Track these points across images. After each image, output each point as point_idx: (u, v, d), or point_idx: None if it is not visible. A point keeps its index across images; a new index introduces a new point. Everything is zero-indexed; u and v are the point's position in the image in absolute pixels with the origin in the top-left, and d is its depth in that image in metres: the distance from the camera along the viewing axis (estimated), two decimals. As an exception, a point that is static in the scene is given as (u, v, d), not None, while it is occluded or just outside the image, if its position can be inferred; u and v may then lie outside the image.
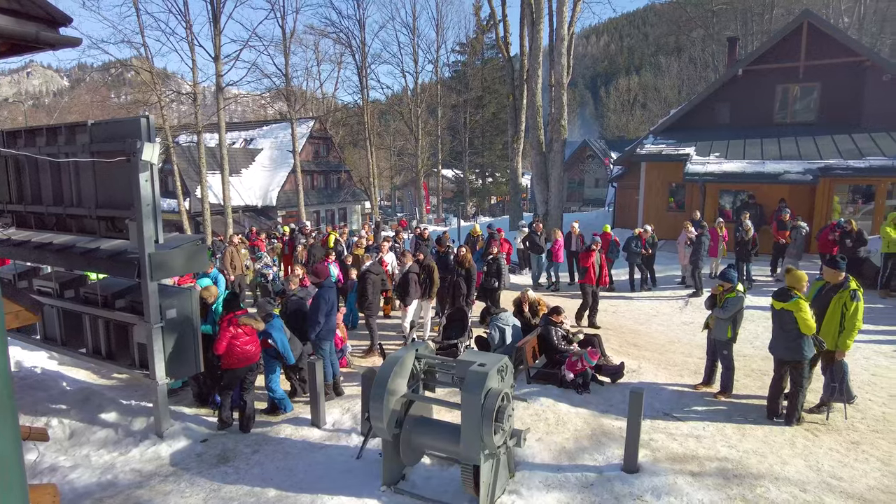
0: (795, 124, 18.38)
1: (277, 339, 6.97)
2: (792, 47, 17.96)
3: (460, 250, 10.37)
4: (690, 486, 5.15)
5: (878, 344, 9.16)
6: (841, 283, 6.36)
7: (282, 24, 32.35)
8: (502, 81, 39.50)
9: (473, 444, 4.56)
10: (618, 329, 10.60)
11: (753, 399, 7.06)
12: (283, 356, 7.06)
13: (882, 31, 34.90)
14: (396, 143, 53.07)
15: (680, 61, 49.28)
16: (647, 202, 18.93)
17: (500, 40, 25.07)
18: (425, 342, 6.52)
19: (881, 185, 15.21)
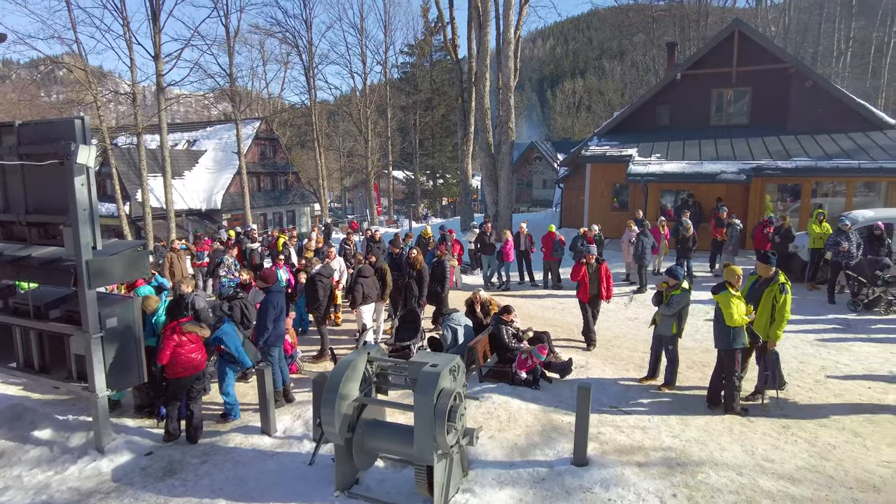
0: (730, 126, 19.28)
1: (230, 344, 6.81)
2: (725, 54, 18.84)
3: (412, 252, 10.39)
4: (637, 477, 5.34)
5: (805, 333, 9.74)
6: (771, 277, 6.74)
7: (225, 23, 31.53)
8: (451, 83, 39.73)
9: (426, 445, 4.59)
10: (566, 326, 10.86)
11: (695, 390, 7.38)
12: (238, 361, 6.92)
13: (804, 40, 37.08)
14: (346, 144, 52.51)
15: (622, 65, 50.81)
16: (592, 202, 19.46)
17: (449, 42, 25.19)
18: (377, 345, 6.51)
19: (806, 185, 16.18)
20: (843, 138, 16.88)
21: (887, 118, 17.97)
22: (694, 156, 17.31)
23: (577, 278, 9.34)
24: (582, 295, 9.39)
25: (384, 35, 48.51)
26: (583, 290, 9.35)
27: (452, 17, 25.40)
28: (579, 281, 9.33)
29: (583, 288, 9.33)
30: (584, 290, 9.33)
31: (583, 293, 9.36)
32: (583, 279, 9.25)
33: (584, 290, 9.32)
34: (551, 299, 13.16)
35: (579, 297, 9.49)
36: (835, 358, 8.61)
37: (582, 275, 9.24)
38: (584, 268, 9.24)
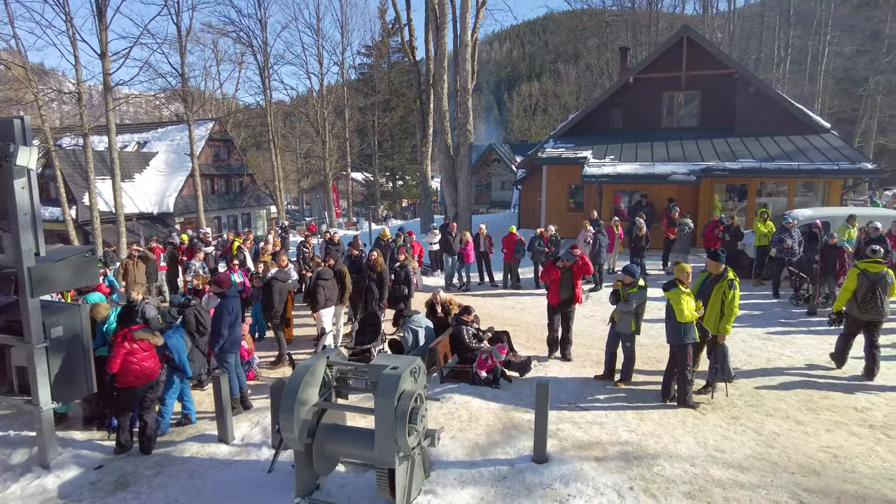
0: (680, 129, 19.94)
1: (173, 348, 6.65)
2: (675, 59, 19.47)
3: (371, 254, 10.34)
4: (595, 471, 5.47)
5: (752, 328, 10.18)
6: (721, 274, 7.02)
7: (177, 22, 30.65)
8: (409, 85, 39.68)
9: (388, 448, 4.58)
10: (525, 325, 11.01)
11: (650, 385, 7.60)
12: (180, 368, 6.75)
13: (748, 47, 38.71)
14: (303, 145, 51.78)
15: (577, 68, 51.82)
16: (549, 203, 19.79)
17: (406, 44, 25.19)
18: (337, 349, 6.46)
19: (752, 185, 16.90)
20: (785, 141, 17.71)
21: (823, 122, 18.96)
22: (646, 157, 17.82)
23: (549, 279, 8.52)
24: (552, 297, 8.58)
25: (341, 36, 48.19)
26: (553, 292, 8.55)
27: (410, 19, 25.44)
28: (550, 282, 8.54)
29: (553, 290, 8.54)
30: (553, 292, 8.54)
31: (553, 296, 8.55)
32: (554, 281, 8.46)
33: (555, 292, 8.52)
34: (511, 298, 13.31)
35: (548, 301, 8.69)
36: (779, 350, 9.02)
37: (554, 276, 8.44)
38: (558, 272, 8.41)
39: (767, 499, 4.99)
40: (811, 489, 5.13)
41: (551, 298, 8.58)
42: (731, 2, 41.19)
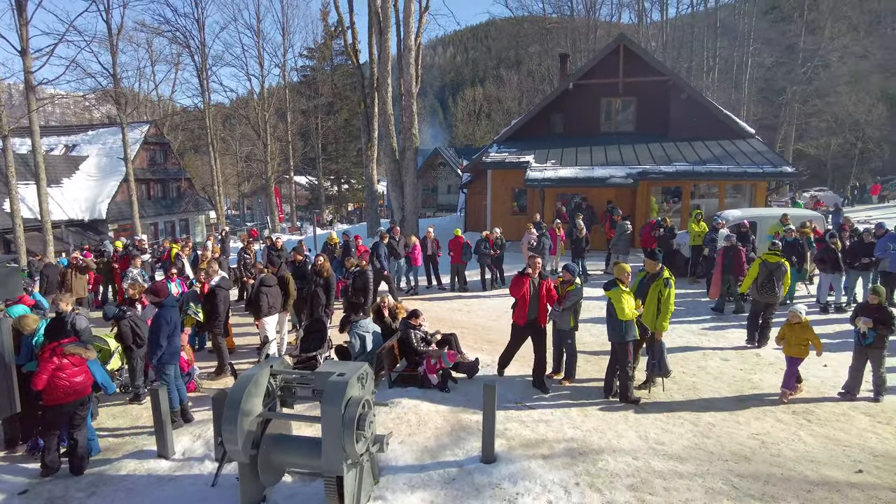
0: (618, 133, 20.65)
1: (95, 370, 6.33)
2: (612, 66, 20.15)
3: (318, 259, 10.17)
4: (542, 469, 5.58)
5: (688, 324, 10.65)
6: (657, 273, 7.32)
7: (106, 19, 29.13)
8: (353, 88, 39.35)
9: (335, 455, 4.52)
10: (472, 327, 11.11)
11: (593, 382, 7.83)
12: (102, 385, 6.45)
13: (680, 55, 40.58)
14: (243, 148, 50.34)
15: (519, 74, 52.82)
16: (494, 206, 20.07)
17: (350, 47, 24.97)
18: (281, 357, 6.33)
19: (686, 187, 17.71)
20: (715, 145, 18.65)
21: (748, 128, 20.11)
22: (586, 161, 18.35)
23: (518, 294, 7.42)
24: (518, 316, 7.51)
25: (282, 38, 47.09)
26: (520, 309, 7.46)
27: (353, 21, 25.25)
28: (518, 299, 7.45)
29: (520, 307, 7.45)
30: (521, 310, 7.45)
31: (520, 314, 7.48)
32: (523, 297, 7.39)
33: (523, 310, 7.44)
34: (458, 301, 13.41)
35: (514, 320, 7.63)
36: (713, 344, 9.49)
37: (524, 291, 7.37)
38: (528, 282, 7.40)
39: (704, 486, 5.24)
40: (742, 474, 5.42)
41: (517, 317, 7.54)
42: (663, 12, 43.16)
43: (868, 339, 7.01)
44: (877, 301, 7.11)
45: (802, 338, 7.08)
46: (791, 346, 7.17)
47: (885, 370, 7.18)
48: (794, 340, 7.14)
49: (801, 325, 7.11)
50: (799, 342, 7.10)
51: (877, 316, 6.96)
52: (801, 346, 7.09)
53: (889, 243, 10.35)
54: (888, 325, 6.91)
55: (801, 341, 7.08)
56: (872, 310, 7.06)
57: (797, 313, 7.12)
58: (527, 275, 7.46)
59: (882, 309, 7.04)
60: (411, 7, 18.96)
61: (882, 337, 6.96)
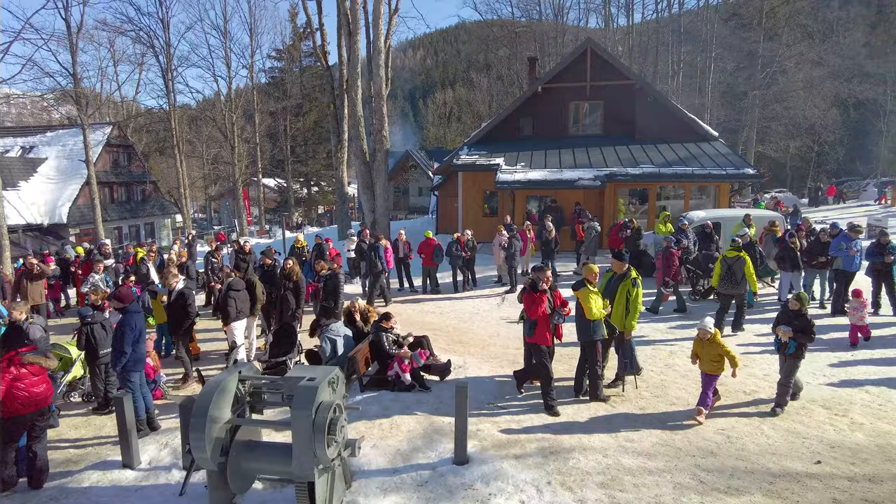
0: (586, 136, 20.95)
1: None
2: (580, 69, 20.46)
3: (286, 263, 10.05)
4: (514, 469, 5.62)
5: (655, 323, 10.86)
6: (625, 273, 7.45)
7: (65, 16, 28.16)
8: (322, 90, 38.99)
9: (306, 461, 4.47)
10: (444, 329, 11.13)
11: (563, 381, 7.90)
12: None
13: (646, 60, 41.40)
14: (210, 150, 49.42)
15: (489, 77, 53.13)
16: (466, 208, 20.15)
17: (319, 49, 24.76)
18: (250, 363, 6.23)
19: (652, 189, 18.08)
20: (680, 148, 19.09)
21: (712, 131, 20.64)
22: (555, 164, 18.58)
23: (538, 315, 6.84)
24: (541, 338, 6.95)
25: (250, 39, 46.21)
26: (543, 329, 6.91)
27: (321, 23, 25.06)
28: (539, 319, 6.86)
29: (542, 327, 6.91)
30: (544, 329, 6.92)
31: (542, 334, 6.93)
32: (544, 316, 6.88)
33: (545, 329, 6.93)
34: (430, 303, 13.41)
35: (536, 342, 6.98)
36: (680, 342, 9.69)
37: (543, 309, 6.86)
38: (546, 299, 6.92)
39: (672, 482, 5.35)
40: (709, 469, 5.56)
41: (541, 339, 6.94)
42: (629, 18, 44.01)
43: (790, 349, 6.74)
44: (797, 307, 6.84)
45: (714, 353, 6.71)
46: (704, 362, 6.82)
47: (794, 383, 6.92)
48: (707, 357, 6.78)
49: (710, 341, 6.73)
50: (711, 358, 6.74)
51: (797, 324, 6.69)
52: (713, 363, 6.74)
53: (842, 242, 10.72)
54: (808, 333, 6.65)
55: (714, 357, 6.72)
56: (793, 316, 6.80)
57: (705, 329, 6.72)
58: (542, 291, 6.92)
59: (802, 316, 6.76)
60: (380, 9, 18.91)
61: (802, 346, 6.71)
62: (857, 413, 6.80)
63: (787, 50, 36.67)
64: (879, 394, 7.35)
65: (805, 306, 6.85)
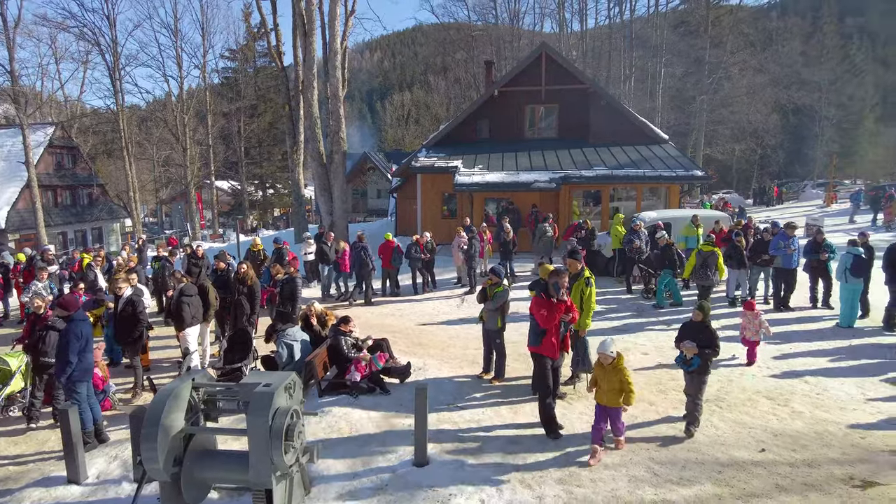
0: (542, 139, 21.29)
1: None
2: (535, 73, 20.78)
3: (241, 267, 9.85)
4: (474, 468, 5.68)
5: (609, 321, 11.14)
6: (579, 273, 7.61)
7: (1, 10, 26.92)
8: (278, 90, 38.33)
9: (264, 468, 4.40)
10: (404, 331, 11.12)
11: (522, 380, 8.03)
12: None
13: (599, 64, 42.43)
14: (161, 152, 47.85)
15: (447, 80, 53.34)
16: (424, 211, 20.17)
17: (273, 49, 24.34)
18: (204, 369, 6.09)
19: (605, 191, 18.53)
20: (632, 150, 19.62)
21: (662, 134, 21.29)
22: (512, 166, 18.82)
23: (550, 324, 6.31)
24: (548, 349, 6.35)
25: (202, 38, 44.80)
26: (551, 340, 6.37)
27: (276, 23, 24.63)
28: (549, 329, 6.34)
29: (551, 336, 6.36)
30: (551, 340, 6.37)
31: (549, 345, 6.36)
32: (556, 326, 6.38)
33: (552, 339, 6.38)
34: (390, 306, 13.37)
35: (541, 352, 6.39)
36: (633, 339, 9.97)
37: (557, 321, 6.37)
38: (564, 309, 6.43)
39: (627, 475, 5.50)
40: (662, 461, 5.74)
41: (548, 350, 6.38)
42: (583, 23, 44.98)
43: (692, 365, 6.22)
44: (700, 318, 6.42)
45: (615, 381, 5.75)
46: (602, 392, 5.84)
47: (703, 401, 6.50)
48: (607, 385, 5.79)
49: (613, 367, 5.79)
50: (611, 387, 5.76)
51: (701, 338, 6.23)
52: (613, 393, 5.76)
53: (780, 241, 11.25)
54: (713, 347, 6.25)
55: (614, 385, 5.75)
56: (696, 329, 6.38)
57: (606, 353, 5.76)
58: (561, 301, 6.39)
59: (707, 329, 6.35)
60: (336, 10, 18.77)
61: (706, 362, 6.25)
62: (798, 402, 7.15)
63: (731, 57, 38.23)
64: (817, 384, 7.75)
65: (708, 317, 6.48)
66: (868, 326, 10.05)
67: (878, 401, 7.14)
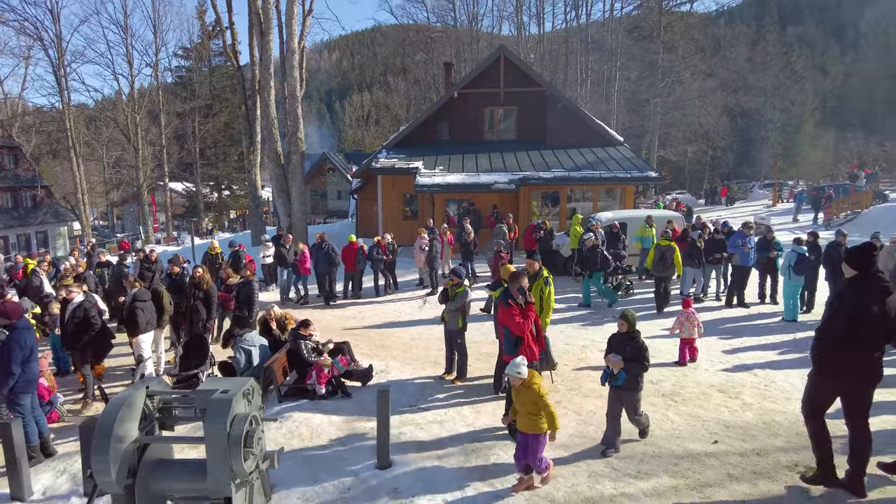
0: (501, 141, 21.54)
1: None
2: (494, 76, 21.01)
3: (196, 271, 9.61)
4: (437, 469, 5.68)
5: (569, 320, 11.36)
6: (537, 272, 7.73)
7: (-69, 3, 25.44)
8: (234, 90, 37.57)
9: (222, 476, 4.31)
10: (366, 333, 11.05)
11: (484, 379, 8.09)
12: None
13: (556, 67, 43.18)
14: (112, 153, 46.12)
15: (407, 81, 53.29)
16: (385, 212, 20.11)
17: (229, 48, 23.85)
18: (159, 377, 5.92)
19: (563, 192, 18.87)
20: (588, 152, 20.05)
21: (618, 136, 21.85)
22: (472, 168, 18.96)
23: (526, 330, 6.09)
24: (528, 354, 5.99)
25: (154, 35, 43.35)
26: (528, 345, 6.13)
27: (232, 21, 24.16)
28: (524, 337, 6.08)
29: (527, 343, 6.12)
30: (529, 344, 6.14)
31: (528, 351, 6.07)
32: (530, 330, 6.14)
33: (531, 343, 6.15)
34: (351, 308, 13.27)
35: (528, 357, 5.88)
36: (591, 337, 10.18)
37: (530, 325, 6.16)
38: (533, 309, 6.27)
39: (587, 471, 5.61)
40: (621, 456, 5.88)
41: (529, 355, 6.03)
42: (540, 26, 45.66)
43: (618, 381, 5.74)
44: (625, 328, 5.90)
45: (528, 403, 5.07)
46: (521, 416, 5.14)
47: (644, 416, 6.15)
48: (524, 409, 5.10)
49: (525, 387, 5.09)
50: (526, 410, 5.08)
51: (628, 350, 5.73)
52: (527, 417, 5.09)
53: (738, 240, 11.72)
54: (640, 361, 5.71)
55: (527, 409, 5.07)
56: (622, 340, 5.88)
57: (515, 374, 5.09)
58: (529, 303, 6.23)
59: (633, 340, 5.81)
60: (294, 9, 18.52)
61: (635, 376, 5.76)
62: (748, 395, 7.44)
63: (683, 62, 39.53)
64: (765, 376, 8.09)
65: (634, 327, 5.92)
66: (811, 320, 10.54)
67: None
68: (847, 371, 4.64)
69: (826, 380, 4.83)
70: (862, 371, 4.62)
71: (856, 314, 4.52)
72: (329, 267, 13.56)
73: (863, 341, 4.52)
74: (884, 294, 4.53)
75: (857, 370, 4.62)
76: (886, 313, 4.50)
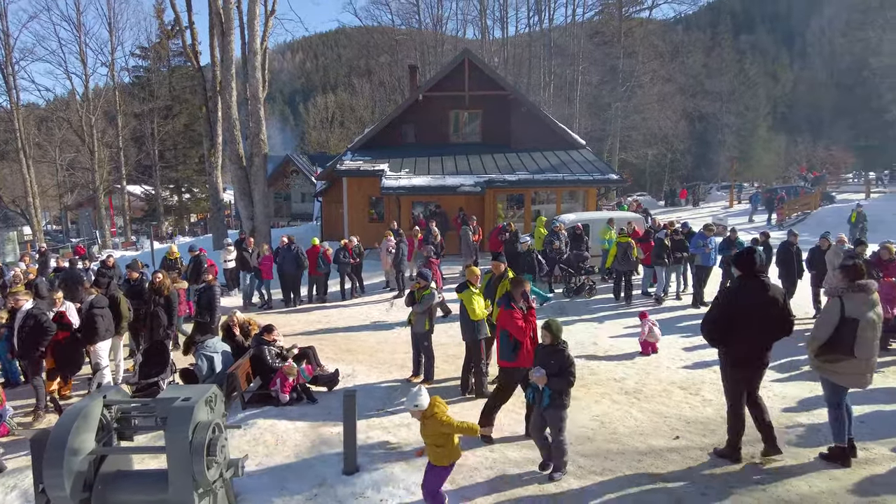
0: (466, 144, 21.66)
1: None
2: (458, 79, 21.11)
3: (156, 276, 9.36)
4: (405, 473, 5.66)
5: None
6: (502, 274, 7.80)
7: None
8: (194, 91, 36.61)
9: (185, 486, 4.20)
10: (332, 337, 10.95)
11: (451, 381, 8.12)
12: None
13: (520, 71, 43.68)
14: (65, 155, 44.42)
15: (371, 83, 53.07)
16: (351, 214, 19.97)
17: (189, 48, 23.32)
18: (117, 386, 5.75)
19: (527, 194, 19.09)
20: (552, 155, 20.34)
21: (580, 140, 22.23)
22: (438, 170, 19.00)
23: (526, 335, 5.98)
24: (526, 359, 5.92)
25: (109, 34, 41.88)
26: (525, 350, 5.97)
27: (192, 21, 23.59)
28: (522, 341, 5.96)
29: (525, 348, 5.99)
30: (527, 349, 5.98)
31: (525, 356, 5.94)
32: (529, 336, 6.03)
33: (528, 348, 5.98)
34: (317, 312, 13.12)
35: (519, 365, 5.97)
36: (557, 338, 10.29)
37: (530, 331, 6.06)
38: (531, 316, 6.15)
39: (553, 469, 5.68)
40: (586, 454, 5.98)
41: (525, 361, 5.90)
42: (504, 30, 46.14)
43: (544, 402, 5.24)
44: (549, 339, 5.39)
45: (435, 434, 4.59)
46: (428, 447, 4.75)
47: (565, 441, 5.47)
48: (429, 440, 4.67)
49: (427, 418, 4.57)
50: (431, 441, 4.64)
51: (553, 363, 5.22)
52: (433, 448, 4.66)
53: (699, 240, 12.06)
54: (566, 377, 5.19)
55: (437, 441, 4.61)
56: (546, 353, 5.37)
57: (413, 408, 4.58)
58: (531, 308, 6.18)
59: (559, 352, 5.30)
60: (256, 10, 18.25)
61: (560, 393, 5.23)
62: (707, 391, 7.66)
63: (642, 66, 40.53)
64: (723, 373, 8.34)
65: (557, 336, 5.39)
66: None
67: (773, 382, 7.78)
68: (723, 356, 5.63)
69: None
70: (727, 356, 5.53)
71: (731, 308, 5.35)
72: (297, 269, 13.38)
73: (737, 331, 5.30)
74: (763, 292, 5.26)
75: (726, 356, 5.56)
76: (766, 307, 5.24)
